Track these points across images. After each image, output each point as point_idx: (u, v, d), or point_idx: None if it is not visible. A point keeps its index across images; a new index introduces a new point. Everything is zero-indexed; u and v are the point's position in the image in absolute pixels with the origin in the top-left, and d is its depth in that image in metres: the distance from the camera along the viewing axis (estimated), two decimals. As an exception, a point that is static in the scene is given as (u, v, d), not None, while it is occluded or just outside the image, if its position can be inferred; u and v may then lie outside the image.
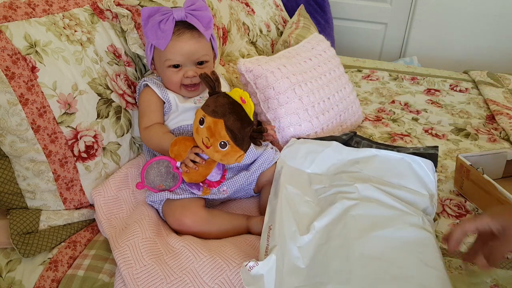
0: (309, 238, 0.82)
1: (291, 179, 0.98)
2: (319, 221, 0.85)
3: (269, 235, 0.82)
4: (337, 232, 0.83)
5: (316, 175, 1.01)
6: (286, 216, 0.85)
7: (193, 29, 1.01)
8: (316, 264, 0.78)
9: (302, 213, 0.88)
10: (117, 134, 1.06)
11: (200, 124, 0.91)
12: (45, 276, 0.89)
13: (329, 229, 0.84)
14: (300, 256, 0.79)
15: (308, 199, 0.93)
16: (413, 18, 2.47)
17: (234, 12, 1.65)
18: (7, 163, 0.94)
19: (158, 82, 1.06)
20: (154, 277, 0.82)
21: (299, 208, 0.90)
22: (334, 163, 1.04)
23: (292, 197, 0.92)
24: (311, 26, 1.92)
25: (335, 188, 0.94)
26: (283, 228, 0.83)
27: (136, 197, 1.03)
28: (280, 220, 0.84)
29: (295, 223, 0.85)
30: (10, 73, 0.87)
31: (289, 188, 0.93)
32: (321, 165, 1.04)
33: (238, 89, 0.92)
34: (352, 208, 0.88)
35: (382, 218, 0.86)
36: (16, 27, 0.91)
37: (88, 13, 1.08)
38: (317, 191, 0.96)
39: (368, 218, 0.86)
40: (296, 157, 1.05)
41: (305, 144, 1.08)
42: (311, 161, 1.04)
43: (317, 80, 1.28)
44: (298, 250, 0.80)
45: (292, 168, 1.02)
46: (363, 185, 0.93)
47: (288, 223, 0.84)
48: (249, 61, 1.22)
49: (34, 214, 0.96)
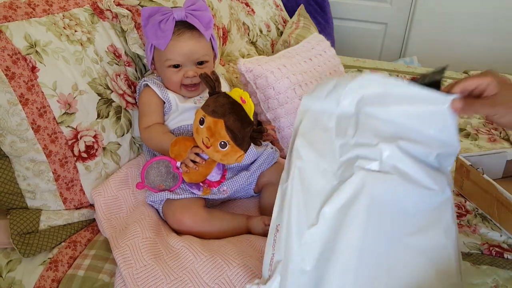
0: (316, 231, 0.70)
1: (312, 131, 0.78)
2: (329, 204, 0.70)
3: (275, 239, 0.74)
4: (348, 222, 0.69)
5: (344, 117, 0.77)
6: (296, 205, 0.73)
7: (193, 29, 1.01)
8: (321, 266, 0.70)
9: (315, 192, 0.73)
10: (117, 134, 1.06)
11: (200, 124, 0.91)
12: (45, 276, 0.89)
13: (339, 217, 0.70)
14: (305, 255, 0.70)
15: (325, 166, 0.74)
16: (413, 18, 2.47)
17: (234, 12, 1.65)
18: (7, 163, 0.94)
19: (158, 82, 1.06)
20: (154, 277, 0.82)
21: (312, 183, 0.74)
22: (364, 94, 0.77)
23: (305, 169, 0.75)
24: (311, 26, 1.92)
25: (357, 149, 0.73)
26: (291, 226, 0.72)
27: (136, 197, 1.03)
28: (289, 215, 0.72)
29: (305, 212, 0.72)
30: (10, 73, 0.87)
31: (304, 153, 0.76)
32: (351, 98, 0.78)
33: (238, 89, 0.92)
34: (370, 185, 0.70)
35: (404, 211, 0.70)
36: (16, 27, 0.91)
37: (88, 13, 1.08)
38: (341, 148, 0.75)
39: (386, 205, 0.70)
40: (324, 95, 0.80)
41: (332, 81, 0.82)
42: (340, 95, 0.79)
43: (317, 80, 1.28)
44: (303, 248, 0.70)
45: (316, 112, 0.80)
46: (388, 146, 0.71)
47: (298, 216, 0.72)
48: (249, 61, 1.22)
49: (34, 214, 0.96)
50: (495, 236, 0.99)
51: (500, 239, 0.99)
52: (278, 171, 1.08)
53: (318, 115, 0.80)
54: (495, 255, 0.94)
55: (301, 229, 0.71)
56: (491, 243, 0.97)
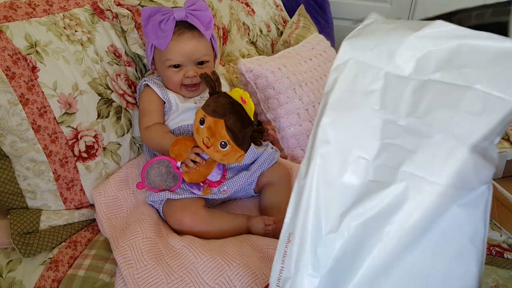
0: (335, 240, 0.55)
1: (348, 98, 0.58)
2: (357, 210, 0.54)
3: (286, 252, 0.61)
4: (375, 241, 0.53)
5: (396, 79, 0.55)
6: (315, 207, 0.57)
7: (194, 29, 1.01)
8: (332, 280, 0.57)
9: (340, 188, 0.56)
10: (118, 134, 1.06)
11: (200, 124, 0.91)
12: (45, 276, 0.89)
13: (366, 231, 0.54)
14: (317, 265, 0.57)
15: (359, 152, 0.55)
16: (413, 18, 2.47)
17: (234, 12, 1.65)
18: (8, 163, 0.94)
19: (158, 82, 1.06)
20: (154, 277, 0.82)
21: (338, 176, 0.56)
22: (426, 54, 0.54)
23: (332, 156, 0.56)
24: (311, 26, 1.92)
25: (408, 139, 0.53)
26: (306, 236, 0.57)
27: (137, 197, 1.03)
28: (305, 220, 0.57)
29: (325, 215, 0.56)
30: (11, 73, 0.87)
31: (333, 133, 0.56)
32: (407, 57, 0.55)
33: (239, 89, 0.92)
34: (418, 202, 0.51)
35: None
36: (17, 27, 0.91)
37: (88, 13, 1.08)
38: (384, 126, 0.55)
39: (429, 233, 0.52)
40: (372, 44, 0.58)
41: (391, 24, 0.62)
42: (395, 49, 0.56)
43: (317, 80, 1.28)
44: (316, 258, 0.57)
45: (358, 66, 0.58)
46: (461, 148, 0.50)
47: (316, 220, 0.57)
48: (249, 61, 1.22)
49: (35, 214, 0.96)
50: (495, 236, 0.99)
51: (500, 239, 0.99)
52: (278, 171, 1.09)
53: (361, 70, 0.57)
54: (495, 255, 0.94)
55: (317, 236, 0.56)
56: (491, 243, 0.97)
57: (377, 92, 0.55)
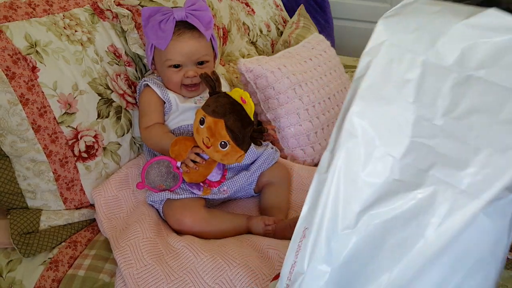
0: (350, 236, 0.52)
1: (381, 87, 0.52)
2: (377, 209, 0.50)
3: (300, 246, 0.57)
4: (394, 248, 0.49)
5: (436, 69, 0.49)
6: (334, 202, 0.53)
7: (194, 29, 1.01)
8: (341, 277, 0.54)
9: (362, 184, 0.52)
10: (118, 134, 1.06)
11: (200, 124, 0.91)
12: (45, 276, 0.89)
13: (384, 232, 0.50)
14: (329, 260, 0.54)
15: (386, 149, 0.50)
16: (413, 18, 2.47)
17: (234, 12, 1.65)
18: (8, 163, 0.94)
19: (158, 82, 1.06)
20: (154, 277, 0.82)
21: (362, 172, 0.52)
22: (472, 45, 0.47)
23: (358, 151, 0.52)
24: (311, 26, 1.92)
25: (444, 142, 0.47)
26: (321, 231, 0.54)
27: (137, 197, 1.03)
28: (322, 215, 0.54)
29: (342, 210, 0.53)
30: (11, 73, 0.87)
31: (361, 126, 0.51)
32: (451, 46, 0.48)
33: (239, 89, 0.92)
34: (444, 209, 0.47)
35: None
36: (17, 27, 0.91)
37: (88, 13, 1.08)
38: (417, 122, 0.49)
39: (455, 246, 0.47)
40: (412, 27, 0.52)
41: (436, 6, 0.53)
42: (438, 35, 0.49)
43: (317, 80, 1.28)
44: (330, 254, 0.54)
45: (395, 50, 0.52)
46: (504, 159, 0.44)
47: (333, 215, 0.53)
48: (249, 61, 1.22)
49: (35, 214, 0.96)
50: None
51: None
52: (278, 171, 1.09)
53: (396, 55, 0.51)
54: (495, 255, 0.94)
55: (333, 230, 0.53)
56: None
57: (412, 82, 0.49)
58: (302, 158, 1.22)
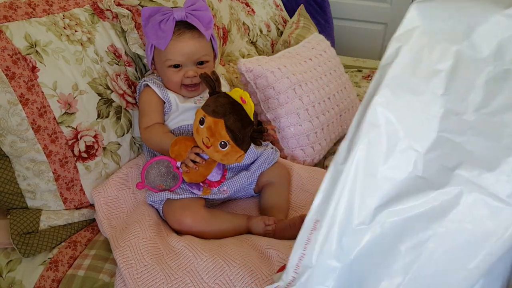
0: (365, 232, 0.49)
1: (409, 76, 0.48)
2: (396, 206, 0.47)
3: (309, 238, 0.55)
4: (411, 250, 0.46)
5: (470, 61, 0.46)
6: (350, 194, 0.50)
7: (194, 29, 1.01)
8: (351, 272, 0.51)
9: (381, 179, 0.48)
10: (118, 134, 1.06)
11: (200, 124, 0.91)
12: (45, 276, 0.89)
13: (402, 231, 0.47)
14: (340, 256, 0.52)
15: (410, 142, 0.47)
16: (413, 18, 2.46)
17: (234, 12, 1.65)
18: (7, 163, 0.94)
19: (158, 82, 1.06)
20: (154, 277, 0.82)
21: (384, 165, 0.48)
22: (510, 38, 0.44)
23: (380, 142, 0.48)
24: (311, 26, 1.92)
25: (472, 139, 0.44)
26: (334, 225, 0.51)
27: (137, 197, 1.03)
28: (336, 208, 0.51)
29: (358, 204, 0.50)
30: (11, 73, 0.87)
31: (385, 116, 0.48)
32: (488, 37, 0.45)
33: (238, 89, 0.92)
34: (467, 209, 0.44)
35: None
36: (17, 27, 0.91)
37: (88, 13, 1.08)
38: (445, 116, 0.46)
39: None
40: (444, 16, 0.48)
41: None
42: (474, 25, 0.46)
43: (317, 80, 1.28)
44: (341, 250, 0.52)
45: (427, 38, 0.48)
46: None
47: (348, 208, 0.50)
48: (249, 61, 1.22)
49: (35, 214, 0.96)
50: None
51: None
52: (278, 171, 1.09)
53: (428, 43, 0.47)
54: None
55: (346, 225, 0.50)
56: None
57: (443, 73, 0.45)
58: (302, 158, 1.22)
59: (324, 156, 1.30)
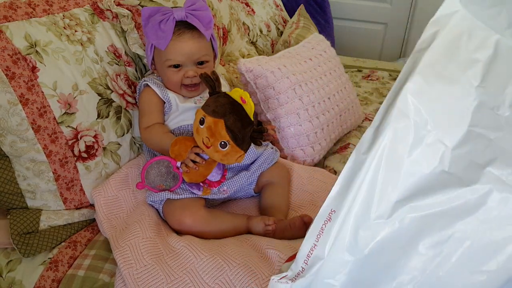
0: (382, 226, 0.46)
1: (445, 64, 0.45)
2: (418, 201, 0.45)
3: (322, 229, 0.52)
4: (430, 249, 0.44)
5: (509, 51, 0.44)
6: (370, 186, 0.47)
7: (194, 29, 1.01)
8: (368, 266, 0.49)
9: (405, 173, 0.46)
10: (118, 134, 1.06)
11: (200, 124, 0.91)
12: (45, 276, 0.89)
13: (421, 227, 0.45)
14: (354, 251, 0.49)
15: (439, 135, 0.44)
16: (413, 18, 2.47)
17: (234, 12, 1.65)
18: (7, 163, 0.94)
19: (158, 82, 1.06)
20: (154, 277, 0.82)
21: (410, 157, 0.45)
22: None
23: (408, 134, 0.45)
24: (311, 26, 1.92)
25: (507, 137, 0.42)
26: (350, 215, 0.48)
27: (137, 197, 1.03)
28: (354, 199, 0.48)
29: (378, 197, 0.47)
30: (11, 73, 0.87)
31: (415, 106, 0.45)
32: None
33: (238, 89, 0.92)
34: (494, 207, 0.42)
35: None
36: (17, 27, 0.91)
37: (88, 13, 1.08)
38: (478, 110, 0.44)
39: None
40: (486, 1, 0.46)
41: None
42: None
43: (317, 80, 1.28)
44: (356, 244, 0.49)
45: (466, 24, 0.45)
46: None
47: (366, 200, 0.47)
48: (249, 61, 1.22)
49: (35, 214, 0.96)
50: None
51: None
52: (278, 171, 1.09)
53: (467, 29, 0.44)
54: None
55: (363, 217, 0.47)
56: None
57: (481, 63, 0.43)
58: (302, 158, 1.22)
59: (324, 156, 1.30)
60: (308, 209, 1.04)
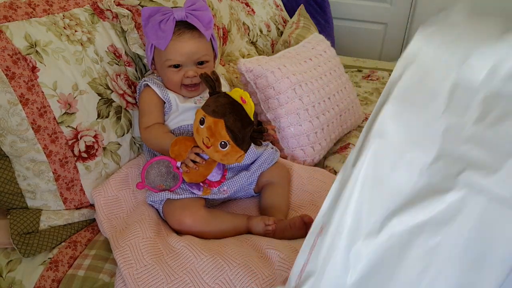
0: (373, 246, 0.50)
1: (415, 92, 0.52)
2: (404, 215, 0.49)
3: (315, 241, 0.55)
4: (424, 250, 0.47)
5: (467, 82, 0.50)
6: (357, 204, 0.51)
7: (194, 29, 1.01)
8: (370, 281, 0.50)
9: (389, 189, 0.51)
10: (118, 134, 1.06)
11: (200, 124, 0.91)
12: (45, 276, 0.89)
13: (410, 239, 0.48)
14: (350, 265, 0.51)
15: (414, 154, 0.50)
16: (413, 18, 2.47)
17: (234, 12, 1.65)
18: (8, 163, 0.94)
19: (158, 82, 1.06)
20: (154, 277, 0.82)
21: (388, 176, 0.51)
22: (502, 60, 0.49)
23: (385, 152, 0.51)
24: (311, 26, 1.92)
25: (473, 151, 0.47)
26: (341, 232, 0.51)
27: (137, 197, 1.03)
28: (343, 215, 0.51)
29: (366, 215, 0.51)
30: (11, 73, 0.87)
31: (391, 128, 0.51)
32: (481, 64, 0.50)
33: (239, 89, 0.92)
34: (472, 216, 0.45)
35: None
36: (17, 27, 0.91)
37: (88, 13, 1.08)
38: (448, 131, 0.50)
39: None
40: (444, 41, 0.53)
41: (470, 18, 0.54)
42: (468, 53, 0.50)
43: (317, 80, 1.28)
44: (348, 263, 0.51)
45: (431, 59, 0.52)
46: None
47: (356, 218, 0.51)
48: (249, 61, 1.22)
49: (35, 214, 0.96)
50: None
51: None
52: (278, 171, 1.09)
53: (431, 65, 0.51)
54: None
55: (353, 237, 0.51)
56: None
57: (444, 95, 0.50)
58: (302, 158, 1.22)
59: (324, 156, 1.30)
60: (308, 209, 1.04)
